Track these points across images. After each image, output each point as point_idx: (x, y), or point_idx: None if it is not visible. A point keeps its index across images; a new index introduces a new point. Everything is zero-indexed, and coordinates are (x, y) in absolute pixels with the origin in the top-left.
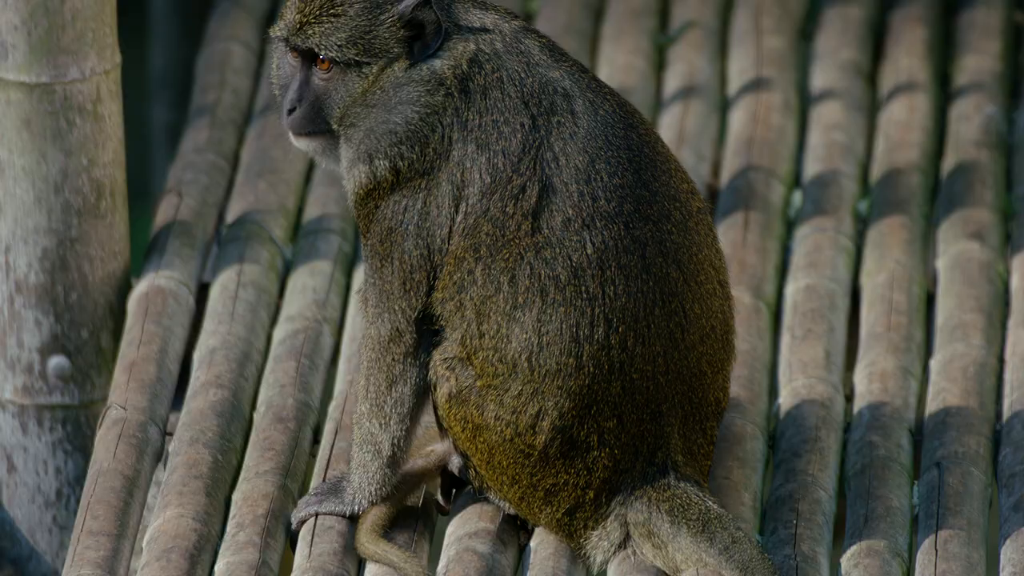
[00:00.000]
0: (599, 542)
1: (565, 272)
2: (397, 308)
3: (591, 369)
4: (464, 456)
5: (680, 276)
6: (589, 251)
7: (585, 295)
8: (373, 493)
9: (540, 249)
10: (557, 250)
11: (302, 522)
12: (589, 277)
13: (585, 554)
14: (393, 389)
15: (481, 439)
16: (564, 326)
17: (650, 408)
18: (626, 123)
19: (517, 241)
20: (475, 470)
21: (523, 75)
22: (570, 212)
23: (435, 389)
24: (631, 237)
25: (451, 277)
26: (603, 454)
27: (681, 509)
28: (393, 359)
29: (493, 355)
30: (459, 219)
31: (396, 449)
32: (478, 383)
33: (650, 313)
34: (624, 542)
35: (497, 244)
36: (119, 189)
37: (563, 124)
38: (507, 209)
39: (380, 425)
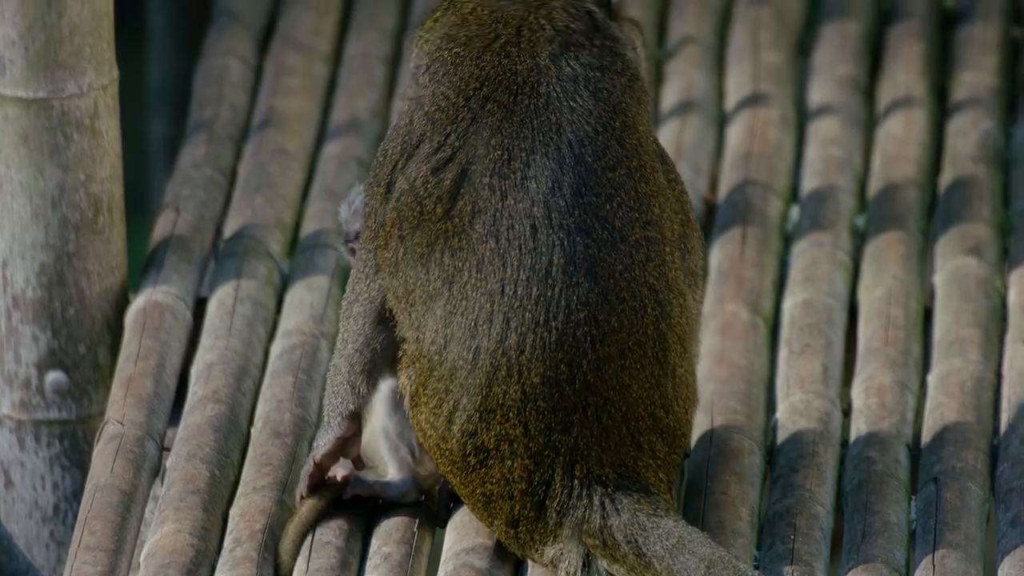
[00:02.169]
0: (557, 559)
1: (469, 264)
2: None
3: (488, 369)
4: None
5: (593, 288)
6: (492, 246)
7: (485, 291)
8: (340, 406)
9: (449, 237)
10: (463, 241)
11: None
12: (490, 273)
13: (551, 569)
14: (351, 313)
15: (428, 447)
16: (465, 321)
17: (558, 417)
18: (581, 138)
19: (431, 224)
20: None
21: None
22: (480, 204)
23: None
24: (536, 241)
25: (386, 253)
26: (516, 464)
27: (641, 537)
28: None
29: (416, 348)
30: (399, 168)
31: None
32: (416, 383)
33: (552, 318)
34: (588, 561)
35: (415, 222)
36: (116, 204)
37: (494, 113)
38: (428, 184)
39: (338, 351)
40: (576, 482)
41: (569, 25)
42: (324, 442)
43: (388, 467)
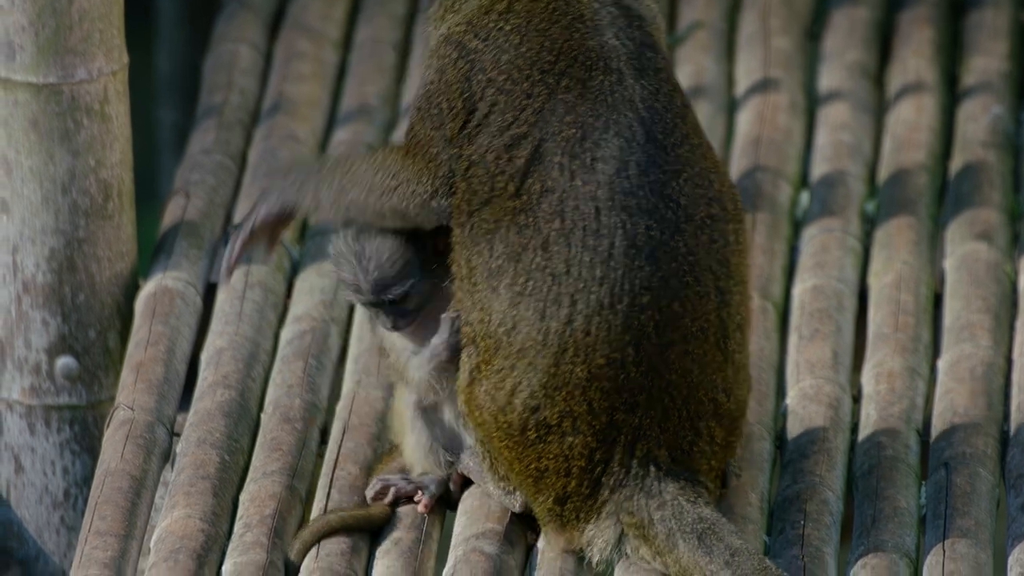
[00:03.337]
0: (594, 538)
1: (535, 243)
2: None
3: (556, 350)
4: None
5: (655, 273)
6: (557, 226)
7: (550, 271)
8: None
9: (516, 214)
10: (530, 218)
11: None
12: (555, 253)
13: (581, 549)
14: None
15: (482, 419)
16: (533, 300)
17: (622, 397)
18: (652, 116)
19: (501, 201)
20: (490, 462)
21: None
22: (549, 183)
23: (463, 372)
24: (599, 223)
25: (455, 230)
26: (577, 441)
27: (675, 519)
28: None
29: (483, 328)
30: (464, 130)
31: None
32: (478, 360)
33: (617, 302)
34: (620, 540)
35: (485, 199)
36: (126, 190)
37: (570, 89)
38: (500, 160)
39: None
40: (635, 462)
41: (623, 2)
42: (271, 207)
43: (423, 467)
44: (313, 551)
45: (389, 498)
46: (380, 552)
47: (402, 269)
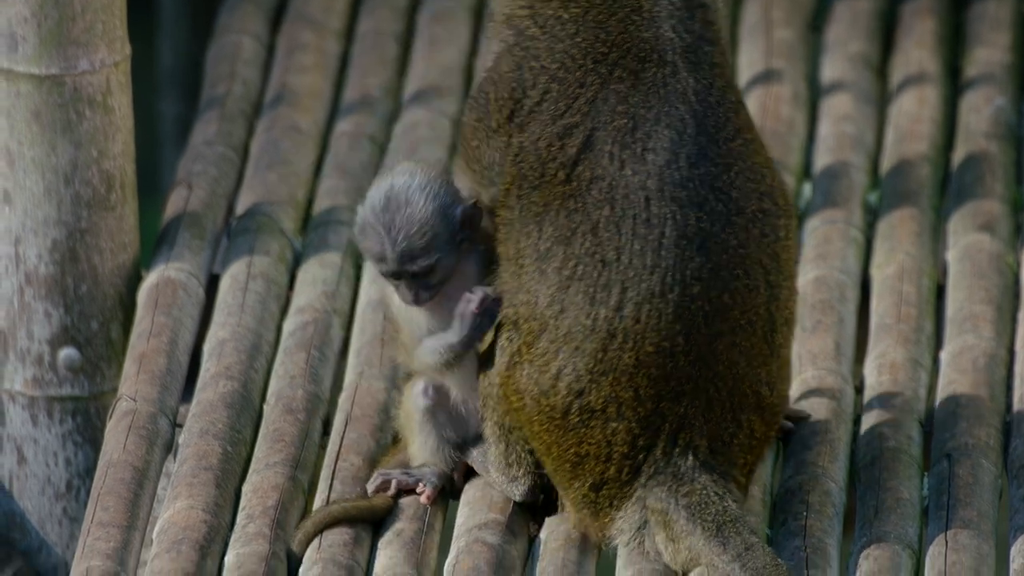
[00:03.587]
0: (621, 524)
1: (584, 228)
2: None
3: (604, 336)
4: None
5: (705, 264)
6: (606, 213)
7: (600, 257)
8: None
9: (566, 199)
10: (579, 203)
11: None
12: (606, 239)
13: (608, 538)
14: None
15: (521, 404)
16: (582, 284)
17: (669, 386)
18: (705, 109)
19: (551, 187)
20: (505, 446)
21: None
22: (599, 171)
23: (501, 356)
24: (649, 212)
25: (503, 212)
26: (621, 427)
27: (700, 507)
28: None
29: (529, 311)
30: (514, 117)
31: None
32: (520, 343)
33: (668, 291)
34: (642, 527)
35: (535, 183)
36: (129, 181)
37: (623, 80)
38: (552, 147)
39: None
40: (676, 451)
41: None
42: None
43: (424, 458)
44: (316, 542)
45: (392, 491)
46: (382, 543)
47: (430, 241)
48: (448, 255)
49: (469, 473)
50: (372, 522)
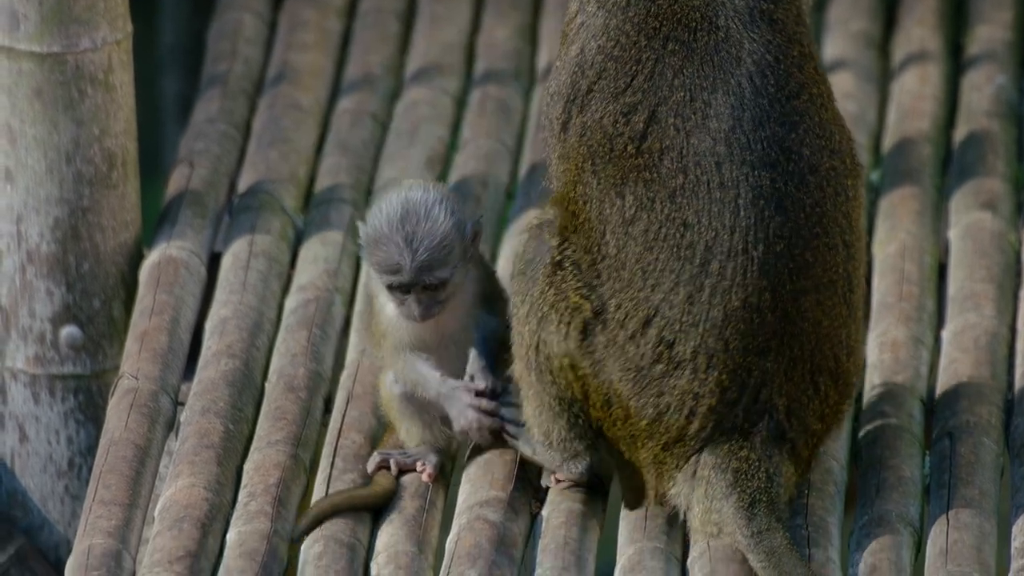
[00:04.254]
0: (681, 485)
1: (662, 195)
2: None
3: (692, 288)
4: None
5: (785, 222)
6: (680, 181)
7: (681, 221)
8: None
9: (640, 171)
10: (654, 174)
11: None
12: (684, 204)
13: (666, 499)
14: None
15: (595, 367)
16: (667, 244)
17: (756, 340)
18: (762, 69)
19: (623, 160)
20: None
21: None
22: (667, 142)
23: (568, 326)
24: (722, 176)
25: (581, 188)
26: (710, 378)
27: (745, 477)
28: None
29: (609, 270)
30: (573, 101)
31: None
32: (600, 304)
33: (752, 247)
34: (693, 489)
35: (607, 158)
36: (131, 159)
37: (675, 53)
38: (618, 124)
39: None
40: (757, 407)
41: None
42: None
43: (416, 439)
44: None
45: (393, 470)
46: (384, 521)
47: (448, 254)
48: (459, 270)
49: (476, 450)
50: (373, 509)
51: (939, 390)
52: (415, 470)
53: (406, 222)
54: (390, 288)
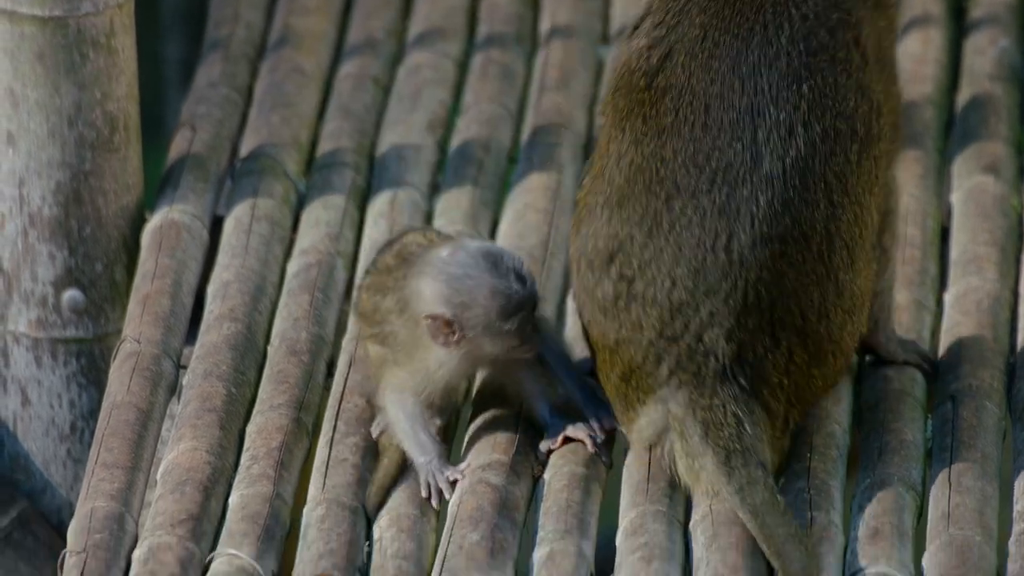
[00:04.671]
0: (644, 423)
1: (653, 132)
2: None
3: (651, 223)
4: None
5: (758, 168)
6: (671, 120)
7: (660, 157)
8: None
9: (643, 106)
10: (652, 111)
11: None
12: (667, 141)
13: (632, 438)
14: None
15: (583, 308)
16: (643, 178)
17: (706, 280)
18: (781, 21)
19: (634, 95)
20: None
21: None
22: (672, 80)
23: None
24: (708, 118)
25: (602, 118)
26: (653, 312)
27: (714, 427)
28: None
29: (603, 199)
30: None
31: None
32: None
33: (718, 189)
34: (664, 432)
35: (624, 91)
36: (133, 123)
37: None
38: (640, 58)
39: None
40: (701, 347)
41: None
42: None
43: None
44: (320, 482)
45: None
46: None
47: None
48: None
49: (475, 413)
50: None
51: (941, 353)
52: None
53: (493, 266)
54: (509, 332)
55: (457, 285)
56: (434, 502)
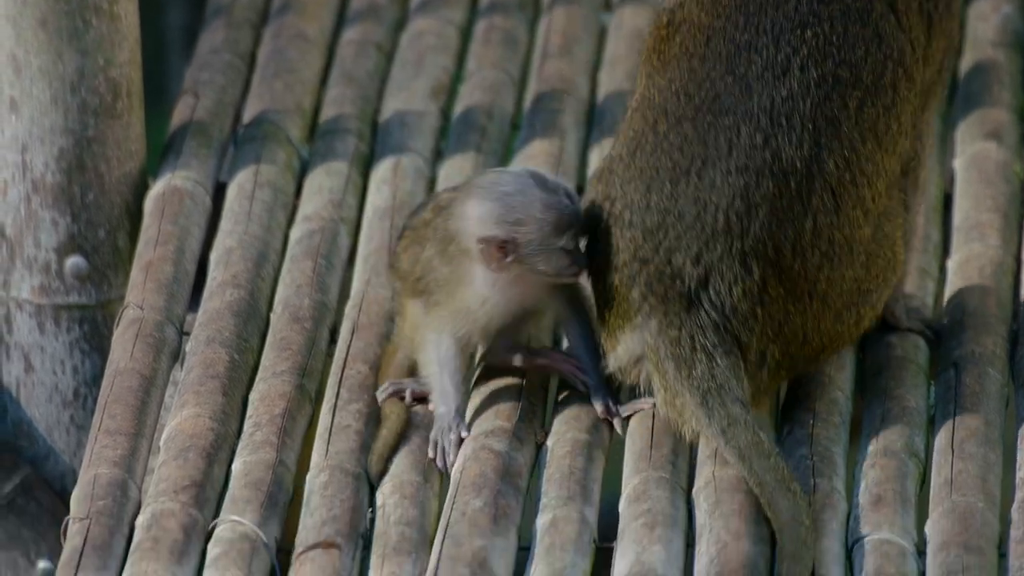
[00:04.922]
0: (622, 352)
1: (658, 68)
2: None
3: (636, 148)
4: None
5: (743, 100)
6: (675, 52)
7: (656, 87)
8: None
9: (661, 42)
10: (664, 47)
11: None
12: (669, 71)
13: (613, 366)
14: None
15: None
16: (644, 106)
17: (677, 203)
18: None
19: (657, 29)
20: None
21: None
22: (685, 16)
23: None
24: (707, 49)
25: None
26: (629, 234)
27: (686, 364)
28: None
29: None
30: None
31: None
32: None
33: (701, 116)
34: (639, 360)
35: (651, 31)
36: (135, 89)
37: None
38: (673, 10)
39: None
40: (668, 270)
41: None
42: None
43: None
44: (323, 449)
45: (408, 399)
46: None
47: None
48: None
49: (478, 380)
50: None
51: (944, 320)
52: (427, 399)
53: (537, 178)
54: (562, 251)
55: (510, 202)
56: (439, 462)
